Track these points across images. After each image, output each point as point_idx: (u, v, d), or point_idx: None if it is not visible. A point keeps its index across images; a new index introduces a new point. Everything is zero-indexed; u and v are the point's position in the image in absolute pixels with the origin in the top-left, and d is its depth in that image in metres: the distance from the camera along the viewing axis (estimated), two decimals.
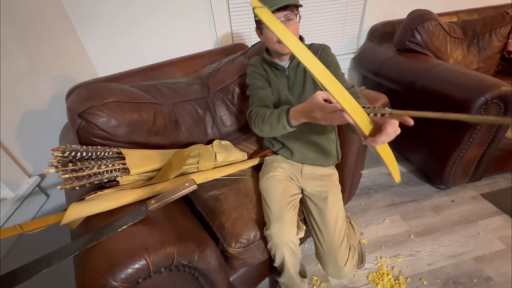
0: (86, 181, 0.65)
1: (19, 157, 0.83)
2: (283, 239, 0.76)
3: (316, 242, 0.84)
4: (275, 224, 0.76)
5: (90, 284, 0.48)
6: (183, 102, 1.04)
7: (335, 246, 0.79)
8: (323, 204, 0.83)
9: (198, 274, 0.63)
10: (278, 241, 0.76)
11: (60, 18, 1.16)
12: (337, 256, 0.79)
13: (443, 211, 1.26)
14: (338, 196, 0.87)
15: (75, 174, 0.64)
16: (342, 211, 0.85)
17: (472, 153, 1.18)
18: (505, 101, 1.02)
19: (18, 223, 0.58)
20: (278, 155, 0.97)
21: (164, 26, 1.37)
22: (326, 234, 0.80)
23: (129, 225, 0.57)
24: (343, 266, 0.79)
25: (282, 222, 0.76)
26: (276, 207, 0.79)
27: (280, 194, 0.82)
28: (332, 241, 0.79)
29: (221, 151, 0.97)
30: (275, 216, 0.77)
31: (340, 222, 0.82)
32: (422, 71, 1.25)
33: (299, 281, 0.89)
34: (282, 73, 0.87)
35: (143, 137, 0.86)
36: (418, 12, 1.37)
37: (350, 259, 0.81)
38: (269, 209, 0.80)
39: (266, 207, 0.81)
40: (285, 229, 0.76)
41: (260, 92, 0.87)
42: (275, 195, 0.82)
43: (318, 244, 0.83)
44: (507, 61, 1.58)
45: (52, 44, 1.05)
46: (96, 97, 0.77)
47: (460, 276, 1.00)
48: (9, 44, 0.84)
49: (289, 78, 0.87)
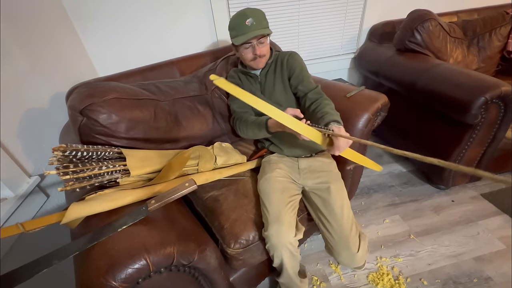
0: (87, 183, 0.65)
1: (19, 157, 0.83)
2: (281, 241, 0.76)
3: (325, 234, 0.85)
4: (273, 225, 0.76)
5: (90, 284, 0.48)
6: (182, 98, 1.05)
7: (345, 232, 0.80)
8: (326, 194, 0.83)
9: (198, 274, 0.63)
10: (276, 242, 0.76)
11: (60, 19, 1.16)
12: (349, 242, 0.80)
13: (443, 211, 1.26)
14: (340, 183, 0.88)
15: (76, 175, 0.64)
16: (347, 199, 0.85)
17: (472, 153, 1.18)
18: (505, 101, 1.02)
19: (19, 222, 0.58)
20: (273, 154, 0.99)
21: (164, 26, 1.37)
22: (334, 223, 0.81)
23: (129, 225, 0.57)
24: (356, 252, 0.81)
25: (280, 223, 0.76)
26: (274, 209, 0.79)
27: (279, 195, 0.83)
28: (341, 228, 0.80)
29: (221, 154, 0.97)
30: (273, 218, 0.77)
31: (346, 209, 0.83)
32: (422, 71, 1.25)
33: (298, 281, 0.88)
34: (256, 79, 1.00)
35: (144, 133, 0.86)
36: (418, 12, 1.37)
37: (362, 245, 0.83)
38: (267, 210, 0.80)
39: (264, 208, 0.82)
40: (283, 231, 0.76)
41: (239, 101, 0.96)
42: (273, 196, 0.82)
43: (328, 234, 0.83)
44: (507, 61, 1.58)
45: (52, 45, 1.05)
46: (96, 94, 0.77)
47: (460, 276, 1.00)
48: (10, 44, 0.84)
49: (261, 83, 1.00)
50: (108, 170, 0.69)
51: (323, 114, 0.80)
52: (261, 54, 0.90)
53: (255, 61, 0.92)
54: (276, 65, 0.98)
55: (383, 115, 1.01)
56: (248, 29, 0.84)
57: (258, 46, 0.88)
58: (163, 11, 1.33)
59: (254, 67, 0.95)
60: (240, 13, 0.86)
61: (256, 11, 0.87)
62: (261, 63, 0.93)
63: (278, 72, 0.97)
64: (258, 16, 0.85)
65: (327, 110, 0.82)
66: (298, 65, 0.95)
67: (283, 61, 0.97)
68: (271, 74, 0.98)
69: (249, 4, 1.45)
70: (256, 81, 1.00)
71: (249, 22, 0.83)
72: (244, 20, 0.83)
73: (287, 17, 1.55)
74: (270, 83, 0.98)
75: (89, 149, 0.68)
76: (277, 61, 0.98)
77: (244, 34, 0.84)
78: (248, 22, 0.83)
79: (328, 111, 0.81)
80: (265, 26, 0.87)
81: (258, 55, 0.89)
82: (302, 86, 0.93)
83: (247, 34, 0.84)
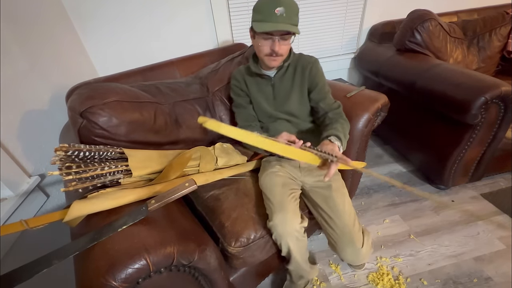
0: (89, 183, 0.65)
1: (19, 157, 0.83)
2: (287, 229, 0.76)
3: (328, 232, 0.83)
4: (278, 214, 0.75)
5: (90, 284, 0.48)
6: (183, 101, 1.05)
7: (349, 228, 0.79)
8: (327, 192, 0.83)
9: (198, 274, 0.63)
10: (282, 231, 0.75)
11: (60, 18, 1.16)
12: (353, 238, 0.79)
13: (443, 211, 1.26)
14: (340, 182, 0.88)
15: (79, 176, 0.64)
16: (348, 196, 0.85)
17: (472, 153, 1.18)
18: (505, 101, 1.02)
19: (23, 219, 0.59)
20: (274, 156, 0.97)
21: (164, 26, 1.37)
22: (337, 219, 0.80)
23: (129, 225, 0.57)
24: (361, 248, 0.80)
25: (285, 211, 0.76)
26: (277, 198, 0.79)
27: (280, 188, 0.83)
28: (344, 223, 0.79)
29: (223, 155, 0.97)
30: (277, 207, 0.77)
31: (348, 205, 0.82)
32: (422, 71, 1.25)
33: (308, 267, 0.89)
34: (268, 82, 0.89)
35: (144, 136, 0.86)
36: (418, 12, 1.37)
37: (366, 241, 0.82)
38: (270, 201, 0.79)
39: (267, 200, 0.81)
40: (288, 218, 0.75)
41: (242, 112, 0.95)
42: (276, 188, 0.82)
43: (331, 231, 0.82)
44: (507, 61, 1.58)
45: (52, 44, 1.05)
46: (97, 96, 0.77)
47: (460, 276, 1.00)
48: (9, 44, 0.84)
49: (274, 87, 0.89)
50: (110, 170, 0.69)
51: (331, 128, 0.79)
52: (280, 53, 0.78)
53: (269, 58, 0.80)
54: (296, 71, 0.88)
55: (383, 115, 1.01)
56: (275, 19, 0.71)
57: (279, 43, 0.76)
58: (163, 10, 1.33)
59: (267, 64, 0.83)
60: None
61: (291, 2, 0.73)
62: (275, 63, 0.82)
63: (297, 79, 0.88)
64: (291, 8, 0.72)
65: (337, 126, 0.80)
66: (321, 78, 0.88)
67: (304, 69, 0.87)
68: (288, 80, 0.88)
69: (249, 4, 1.45)
70: (268, 84, 0.90)
71: (280, 11, 0.70)
72: (274, 7, 0.70)
73: None
74: (285, 90, 0.89)
75: (92, 149, 0.68)
76: (297, 66, 0.88)
77: (269, 23, 0.72)
78: (278, 11, 0.70)
79: (336, 127, 0.79)
80: (294, 23, 0.74)
81: (275, 53, 0.78)
82: (324, 103, 0.87)
83: (272, 24, 0.71)
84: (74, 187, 0.63)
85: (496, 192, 1.33)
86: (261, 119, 0.98)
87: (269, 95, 0.92)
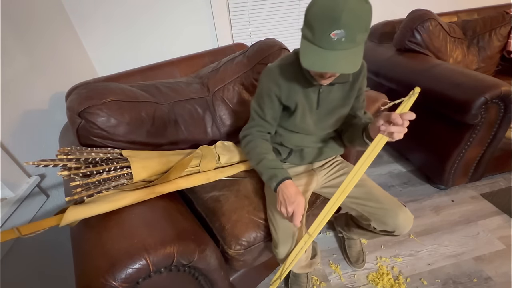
0: (94, 191, 0.64)
1: (19, 157, 0.83)
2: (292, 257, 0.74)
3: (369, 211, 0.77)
4: (281, 247, 0.74)
5: (90, 284, 0.48)
6: (182, 101, 1.04)
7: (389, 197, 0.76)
8: None
9: (198, 274, 0.63)
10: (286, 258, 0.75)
11: (60, 18, 1.16)
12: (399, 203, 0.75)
13: (443, 211, 1.26)
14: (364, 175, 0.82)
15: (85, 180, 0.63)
16: None
17: (472, 153, 1.18)
18: (505, 101, 1.02)
19: (16, 226, 0.57)
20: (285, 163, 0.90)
21: (164, 26, 1.37)
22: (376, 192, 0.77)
23: (129, 225, 0.56)
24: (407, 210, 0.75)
25: (290, 244, 0.74)
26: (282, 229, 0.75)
27: None
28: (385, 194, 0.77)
29: (224, 152, 0.96)
30: (281, 239, 0.75)
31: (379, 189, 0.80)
32: (422, 71, 1.25)
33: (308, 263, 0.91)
34: (315, 89, 0.72)
35: (143, 137, 0.86)
36: (418, 12, 1.37)
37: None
38: (274, 228, 0.76)
39: (271, 223, 0.77)
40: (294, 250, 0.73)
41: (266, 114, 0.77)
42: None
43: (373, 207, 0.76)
44: (507, 61, 1.57)
45: (51, 44, 1.05)
46: (95, 96, 0.76)
47: (460, 276, 1.00)
48: (9, 44, 0.84)
49: (320, 96, 0.73)
50: (116, 174, 0.68)
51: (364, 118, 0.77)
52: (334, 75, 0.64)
53: (321, 78, 0.65)
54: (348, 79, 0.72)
55: None
56: (329, 45, 0.52)
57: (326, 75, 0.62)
58: (163, 10, 1.33)
59: (317, 80, 0.67)
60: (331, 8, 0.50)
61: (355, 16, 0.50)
62: (328, 81, 0.66)
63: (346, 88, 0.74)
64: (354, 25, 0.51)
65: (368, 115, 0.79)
66: (365, 84, 0.77)
67: (357, 76, 0.72)
68: (337, 90, 0.73)
69: (249, 3, 1.44)
70: (315, 91, 0.73)
71: (338, 35, 0.51)
72: (330, 29, 0.51)
73: (287, 17, 1.54)
74: (332, 102, 0.75)
75: (92, 153, 0.67)
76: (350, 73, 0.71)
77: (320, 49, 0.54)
78: (335, 35, 0.51)
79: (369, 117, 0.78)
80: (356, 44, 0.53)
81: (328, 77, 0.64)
82: (360, 113, 0.80)
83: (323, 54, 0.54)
84: (79, 195, 0.61)
85: (496, 192, 1.33)
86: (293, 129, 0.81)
87: (312, 105, 0.75)
